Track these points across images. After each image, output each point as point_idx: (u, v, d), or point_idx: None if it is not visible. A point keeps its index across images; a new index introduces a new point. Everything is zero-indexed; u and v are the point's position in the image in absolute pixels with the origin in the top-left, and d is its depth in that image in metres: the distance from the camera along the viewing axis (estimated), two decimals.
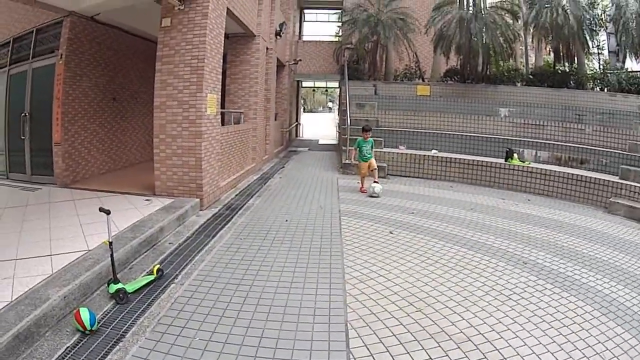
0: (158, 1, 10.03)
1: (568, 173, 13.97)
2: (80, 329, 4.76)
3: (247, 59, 15.19)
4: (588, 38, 22.20)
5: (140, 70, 13.68)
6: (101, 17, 11.31)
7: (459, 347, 4.94)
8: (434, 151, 16.81)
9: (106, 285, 5.81)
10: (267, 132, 17.88)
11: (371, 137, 13.97)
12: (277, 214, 10.14)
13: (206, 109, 9.96)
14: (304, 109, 41.31)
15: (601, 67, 25.11)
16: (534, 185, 14.55)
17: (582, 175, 13.66)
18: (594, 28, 22.44)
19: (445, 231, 9.50)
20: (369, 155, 13.66)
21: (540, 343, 5.10)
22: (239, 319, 5.29)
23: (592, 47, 23.79)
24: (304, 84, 35.83)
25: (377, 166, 13.64)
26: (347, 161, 16.66)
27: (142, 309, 5.43)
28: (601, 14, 23.35)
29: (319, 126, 43.70)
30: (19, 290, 5.13)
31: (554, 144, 16.29)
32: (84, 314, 4.75)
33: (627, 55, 22.20)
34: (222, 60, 11.03)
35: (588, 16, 21.51)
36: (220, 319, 5.26)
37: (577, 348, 5.01)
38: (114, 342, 4.73)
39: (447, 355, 4.77)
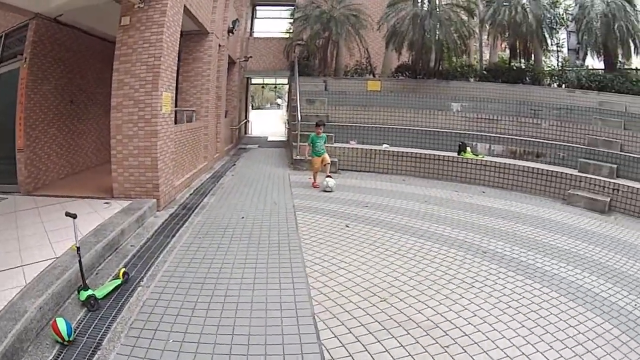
0: (118, 1, 9.93)
1: (524, 166, 14.37)
2: (59, 339, 4.71)
3: (200, 57, 15.11)
4: (547, 36, 22.57)
5: (97, 71, 13.37)
6: (63, 17, 11.07)
7: (427, 334, 5.17)
8: (385, 146, 16.98)
9: (76, 292, 5.72)
10: (218, 130, 17.78)
11: (324, 132, 14.14)
12: (233, 212, 10.19)
13: (161, 107, 9.91)
14: (252, 106, 41.07)
15: (560, 64, 25.57)
16: (488, 178, 14.90)
17: (539, 168, 14.08)
18: (554, 26, 22.86)
19: (401, 223, 9.71)
20: (322, 151, 13.82)
21: (509, 327, 5.41)
22: (208, 317, 5.35)
23: (551, 44, 24.24)
24: (254, 80, 35.59)
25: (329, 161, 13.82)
26: (298, 157, 16.74)
27: (113, 315, 5.40)
28: (562, 13, 23.77)
29: (268, 123, 43.52)
30: None
31: (508, 137, 16.62)
32: (61, 325, 4.70)
33: (588, 53, 22.66)
34: (177, 58, 11.01)
35: (548, 15, 21.92)
36: (190, 319, 5.30)
37: (547, 332, 5.36)
38: (92, 351, 4.71)
39: (417, 342, 5.00)
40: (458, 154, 15.76)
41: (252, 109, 40.49)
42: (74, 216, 5.73)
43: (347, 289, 6.31)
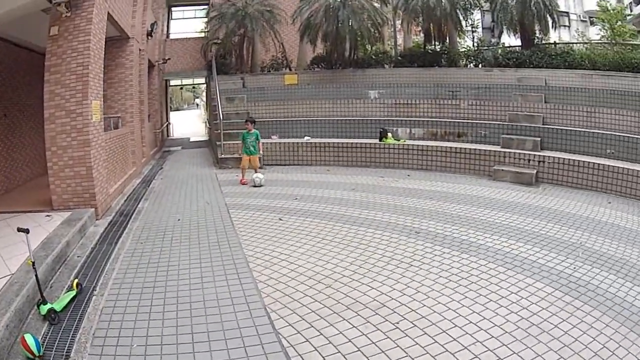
0: (45, 10, 9.90)
1: (447, 147, 15.04)
2: (29, 355, 4.68)
3: (122, 62, 15.05)
4: (461, 18, 23.13)
5: (27, 83, 13.12)
6: None
7: (376, 314, 5.53)
8: (306, 138, 17.37)
9: (36, 307, 5.67)
10: (143, 135, 17.71)
11: (255, 129, 14.18)
12: (169, 215, 10.41)
13: (92, 116, 9.97)
14: (171, 107, 40.67)
15: (475, 44, 26.39)
16: (412, 162, 15.53)
17: (461, 148, 14.80)
18: (468, 8, 23.46)
19: (332, 212, 10.18)
20: (252, 149, 13.97)
21: (453, 300, 5.87)
22: (165, 319, 5.53)
23: (466, 26, 25.00)
24: (172, 82, 35.27)
25: None
26: (222, 156, 16.94)
27: (75, 326, 5.42)
28: None
29: (188, 124, 43.16)
30: None
31: (428, 120, 17.25)
32: (30, 341, 4.67)
33: (504, 31, 23.35)
34: (102, 66, 11.03)
35: None
36: (149, 323, 5.45)
37: (490, 300, 5.83)
38: None
39: (368, 322, 5.35)
40: (380, 141, 16.28)
41: (171, 110, 40.08)
42: (27, 231, 5.78)
43: (292, 279, 6.65)
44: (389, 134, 16.48)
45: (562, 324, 5.16)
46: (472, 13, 24.77)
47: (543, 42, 23.02)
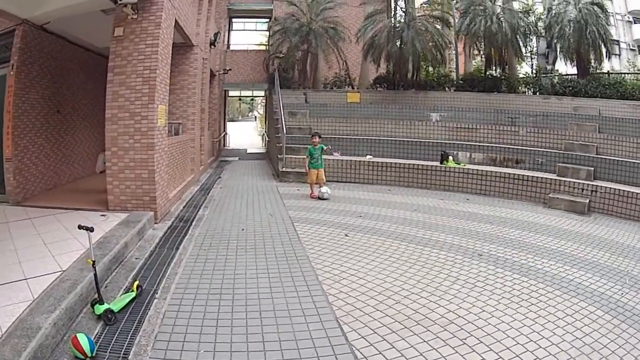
0: (105, 11, 9.90)
1: (505, 172, 14.63)
2: (80, 355, 4.47)
3: (185, 69, 15.09)
4: (521, 44, 22.84)
5: (82, 82, 13.20)
6: (49, 26, 10.93)
7: (445, 329, 5.45)
8: (368, 156, 17.03)
9: (90, 306, 5.55)
10: (202, 143, 17.71)
11: (320, 142, 14.08)
12: (231, 224, 10.17)
13: (157, 120, 9.85)
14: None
15: (534, 71, 25.88)
16: (471, 186, 15.09)
17: (519, 174, 14.35)
18: (528, 34, 23.15)
19: (396, 231, 9.87)
20: (319, 163, 13.91)
21: (515, 319, 5.78)
22: (234, 326, 5.30)
23: (525, 52, 24.53)
24: (231, 93, 35.65)
25: None
26: (284, 169, 16.73)
27: (134, 328, 5.23)
28: (536, 21, 24.05)
29: (244, 135, 43.67)
30: (5, 321, 4.72)
31: (488, 145, 16.88)
32: (83, 340, 4.49)
33: (561, 59, 23.10)
34: (169, 71, 10.94)
35: (522, 23, 22.19)
36: (216, 329, 5.23)
37: (548, 321, 5.78)
38: None
39: (437, 337, 5.27)
40: (440, 163, 15.91)
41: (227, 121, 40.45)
42: (91, 229, 5.59)
43: (362, 294, 6.44)
44: (450, 157, 16.16)
45: (610, 344, 5.22)
46: (532, 40, 24.25)
47: (597, 71, 22.64)
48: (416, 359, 4.78)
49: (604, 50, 21.27)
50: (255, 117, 67.02)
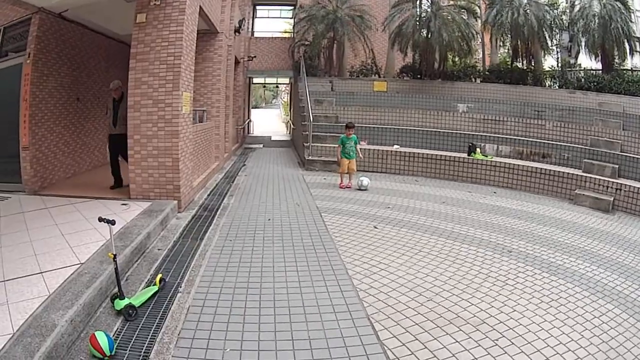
0: None
1: (531, 167, 14.42)
2: (99, 355, 4.28)
3: (210, 56, 14.97)
4: (547, 37, 22.62)
5: (103, 69, 13.12)
6: (68, 13, 10.79)
7: (477, 329, 5.35)
8: (396, 146, 16.88)
9: (110, 301, 5.35)
10: (226, 130, 17.61)
11: (354, 133, 13.78)
12: (257, 213, 9.99)
13: (182, 107, 9.66)
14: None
15: (559, 65, 25.65)
16: (497, 179, 14.92)
17: (545, 169, 14.18)
18: (554, 27, 22.89)
19: (425, 224, 9.70)
20: (352, 153, 13.65)
21: (545, 320, 5.69)
22: (262, 323, 5.12)
23: (551, 45, 24.28)
24: (255, 80, 35.60)
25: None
26: (310, 157, 16.61)
27: (156, 324, 5.03)
28: (561, 14, 23.77)
29: (267, 122, 43.94)
30: (18, 319, 4.52)
31: (514, 138, 16.64)
32: (102, 339, 4.30)
33: (585, 53, 22.91)
34: (194, 58, 10.74)
35: (549, 16, 21.96)
36: (243, 326, 5.05)
37: (577, 322, 5.70)
38: None
39: (470, 337, 5.16)
40: (468, 155, 15.74)
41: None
42: (112, 222, 5.35)
43: (393, 290, 6.28)
44: (478, 149, 15.96)
45: (634, 349, 5.15)
46: (558, 33, 23.89)
47: (621, 67, 22.49)
48: None
49: (627, 46, 21.19)
50: (280, 104, 67.04)
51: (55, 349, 4.20)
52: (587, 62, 24.81)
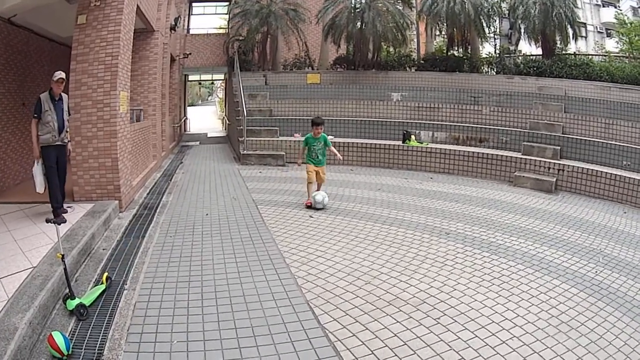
0: (69, 0, 9.74)
1: (468, 151, 14.91)
2: (57, 354, 4.36)
3: (146, 55, 14.98)
4: (485, 25, 22.93)
5: (47, 73, 12.84)
6: (16, 18, 10.72)
7: (418, 309, 5.55)
8: (330, 137, 16.90)
9: (62, 302, 5.43)
10: (163, 128, 17.55)
11: (323, 132, 10.97)
12: (195, 209, 10.19)
13: (119, 107, 9.74)
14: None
15: (497, 51, 26.15)
16: (434, 164, 15.35)
17: (483, 153, 14.67)
18: (491, 15, 23.36)
19: (361, 211, 10.03)
20: (321, 157, 10.85)
21: (488, 298, 5.94)
22: (205, 314, 5.31)
23: (489, 33, 24.82)
24: (190, 77, 35.40)
25: (275, 154, 14.17)
26: (245, 152, 16.72)
27: (106, 322, 5.15)
28: (500, 2, 24.17)
29: (204, 119, 43.49)
30: None
31: (450, 124, 17.13)
32: (58, 339, 4.38)
33: (525, 39, 23.41)
34: (131, 57, 10.80)
35: (486, 4, 22.41)
36: (188, 318, 5.22)
37: (522, 299, 5.95)
38: None
39: (410, 317, 5.36)
40: (403, 143, 16.11)
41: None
42: (59, 222, 5.55)
43: (330, 275, 6.52)
44: (412, 137, 16.35)
45: (588, 322, 5.38)
46: (495, 20, 24.51)
47: (563, 52, 23.05)
48: (391, 340, 4.84)
49: (570, 31, 21.64)
50: (215, 101, 66.55)
51: (20, 352, 4.31)
52: (528, 48, 25.55)
